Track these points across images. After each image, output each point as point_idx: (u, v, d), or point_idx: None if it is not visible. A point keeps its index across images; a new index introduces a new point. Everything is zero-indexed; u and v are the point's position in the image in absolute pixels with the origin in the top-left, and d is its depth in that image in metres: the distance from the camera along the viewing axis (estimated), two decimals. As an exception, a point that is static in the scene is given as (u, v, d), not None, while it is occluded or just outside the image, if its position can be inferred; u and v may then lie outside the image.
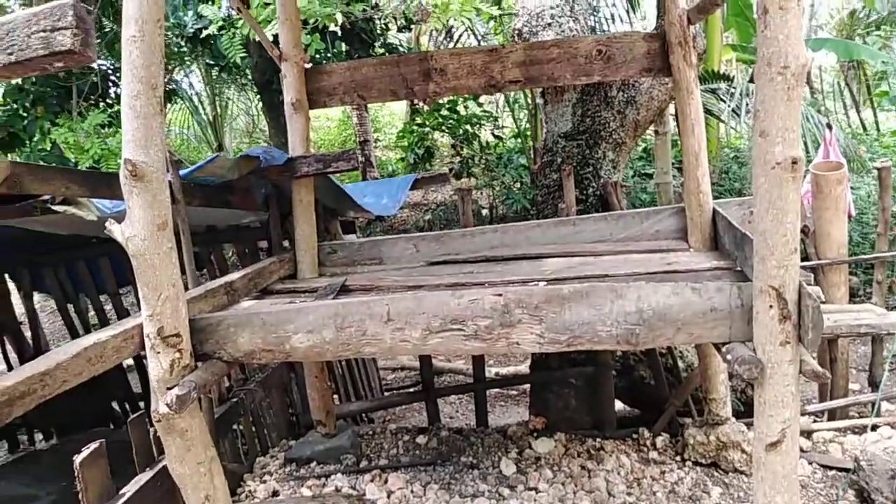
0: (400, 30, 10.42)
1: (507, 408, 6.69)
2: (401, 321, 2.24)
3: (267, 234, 4.08)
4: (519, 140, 10.99)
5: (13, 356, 5.74)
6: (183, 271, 2.76)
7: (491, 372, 7.11)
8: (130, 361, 5.56)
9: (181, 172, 3.02)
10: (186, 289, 2.66)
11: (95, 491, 2.58)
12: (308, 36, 5.92)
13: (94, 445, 2.58)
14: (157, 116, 1.88)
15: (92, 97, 6.71)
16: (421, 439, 4.12)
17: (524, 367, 6.87)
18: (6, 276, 5.66)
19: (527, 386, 5.50)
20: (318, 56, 6.44)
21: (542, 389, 4.67)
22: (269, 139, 10.55)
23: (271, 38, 4.28)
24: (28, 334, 5.83)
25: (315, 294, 2.96)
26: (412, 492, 3.46)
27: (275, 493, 3.55)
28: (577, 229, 3.49)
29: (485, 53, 3.39)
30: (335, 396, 4.92)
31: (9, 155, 6.75)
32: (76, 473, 2.51)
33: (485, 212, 10.82)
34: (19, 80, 6.27)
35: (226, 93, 13.81)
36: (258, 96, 10.89)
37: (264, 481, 3.69)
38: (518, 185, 9.77)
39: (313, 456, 3.84)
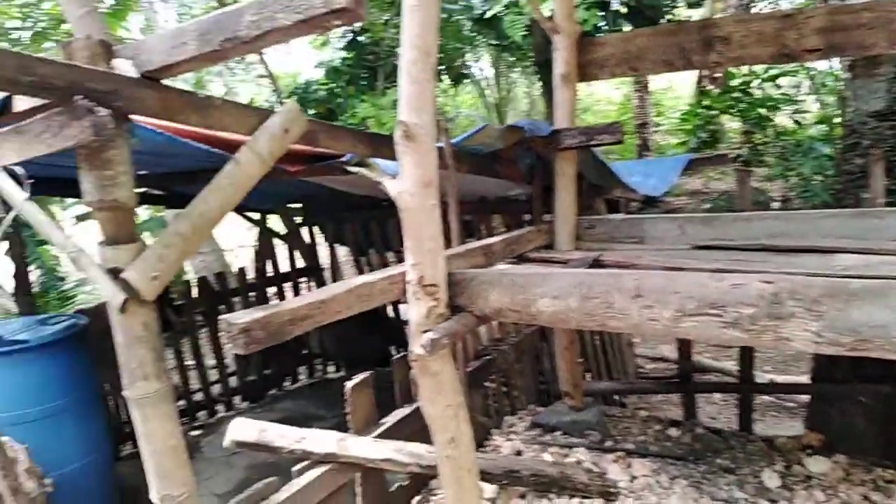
0: (690, 6, 9.68)
1: (779, 419, 5.97)
2: (650, 298, 2.10)
3: (530, 206, 4.18)
4: (823, 126, 9.52)
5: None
6: (449, 233, 2.98)
7: (765, 378, 6.40)
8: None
9: (453, 140, 3.24)
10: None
11: (361, 415, 2.97)
12: (586, 11, 5.86)
13: (363, 375, 2.99)
14: (430, 83, 2.04)
15: (393, 78, 7.56)
16: (673, 432, 3.92)
17: (805, 379, 6.06)
18: (316, 228, 6.83)
19: (805, 399, 4.84)
20: (599, 35, 6.35)
21: (824, 403, 4.08)
22: (546, 119, 10.76)
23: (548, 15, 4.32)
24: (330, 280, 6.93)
25: (567, 265, 2.96)
26: (657, 482, 3.33)
27: (518, 453, 3.71)
28: (883, 223, 2.90)
29: (777, 19, 2.99)
30: (587, 374, 4.92)
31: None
32: (346, 397, 2.92)
33: (776, 205, 9.63)
34: (338, 62, 7.32)
35: (510, 76, 14.39)
36: (537, 77, 11.14)
37: (510, 439, 3.88)
38: (819, 177, 8.49)
39: (559, 425, 3.92)
